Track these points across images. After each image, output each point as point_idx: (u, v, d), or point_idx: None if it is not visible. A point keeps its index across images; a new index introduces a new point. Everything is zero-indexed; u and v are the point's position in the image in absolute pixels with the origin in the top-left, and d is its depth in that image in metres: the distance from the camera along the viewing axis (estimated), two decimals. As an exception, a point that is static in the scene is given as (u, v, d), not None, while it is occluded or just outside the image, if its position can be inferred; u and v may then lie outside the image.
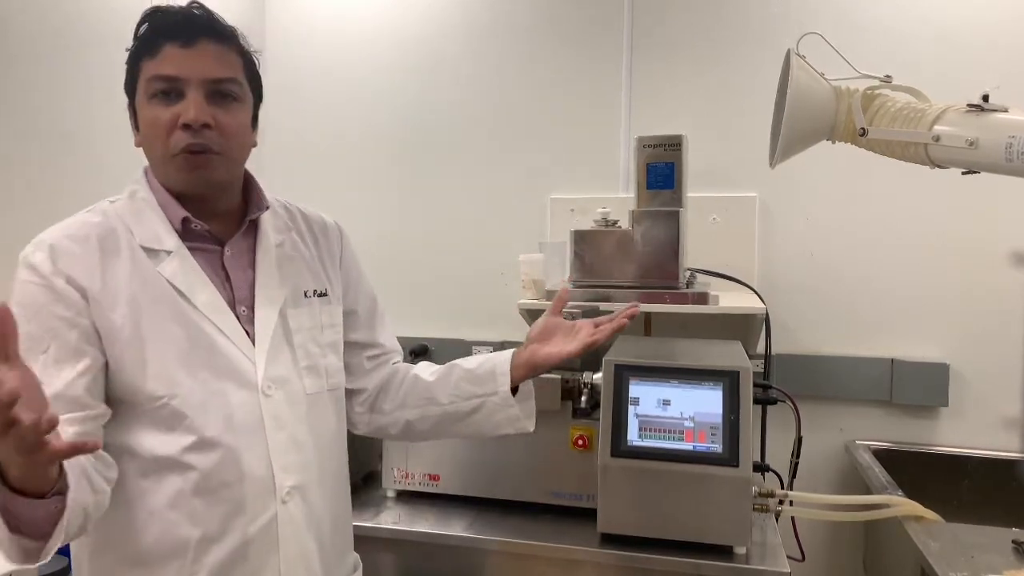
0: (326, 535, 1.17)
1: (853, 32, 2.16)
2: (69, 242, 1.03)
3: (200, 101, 1.05)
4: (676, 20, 2.37)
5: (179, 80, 1.04)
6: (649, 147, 1.93)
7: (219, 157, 1.08)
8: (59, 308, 1.00)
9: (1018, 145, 1.23)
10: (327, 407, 1.20)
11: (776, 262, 2.30)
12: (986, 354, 2.16)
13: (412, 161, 2.60)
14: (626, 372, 1.50)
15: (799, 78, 1.40)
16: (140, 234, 1.08)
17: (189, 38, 1.05)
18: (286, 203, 1.28)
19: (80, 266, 1.02)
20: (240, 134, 1.11)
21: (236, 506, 1.05)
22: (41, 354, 0.98)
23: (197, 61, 1.05)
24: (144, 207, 1.10)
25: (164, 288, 1.06)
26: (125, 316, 1.02)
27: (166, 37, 1.05)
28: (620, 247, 1.90)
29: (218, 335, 1.08)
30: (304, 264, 1.22)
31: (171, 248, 1.08)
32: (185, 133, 1.04)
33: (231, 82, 1.08)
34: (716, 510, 1.42)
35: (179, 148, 1.05)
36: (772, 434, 2.01)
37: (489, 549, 1.55)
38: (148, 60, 1.06)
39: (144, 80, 1.06)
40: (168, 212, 1.10)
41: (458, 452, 1.71)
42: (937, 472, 2.12)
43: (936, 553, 1.39)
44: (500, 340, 2.46)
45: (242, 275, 1.15)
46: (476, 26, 2.53)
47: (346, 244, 1.33)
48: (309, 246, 1.25)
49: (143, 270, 1.06)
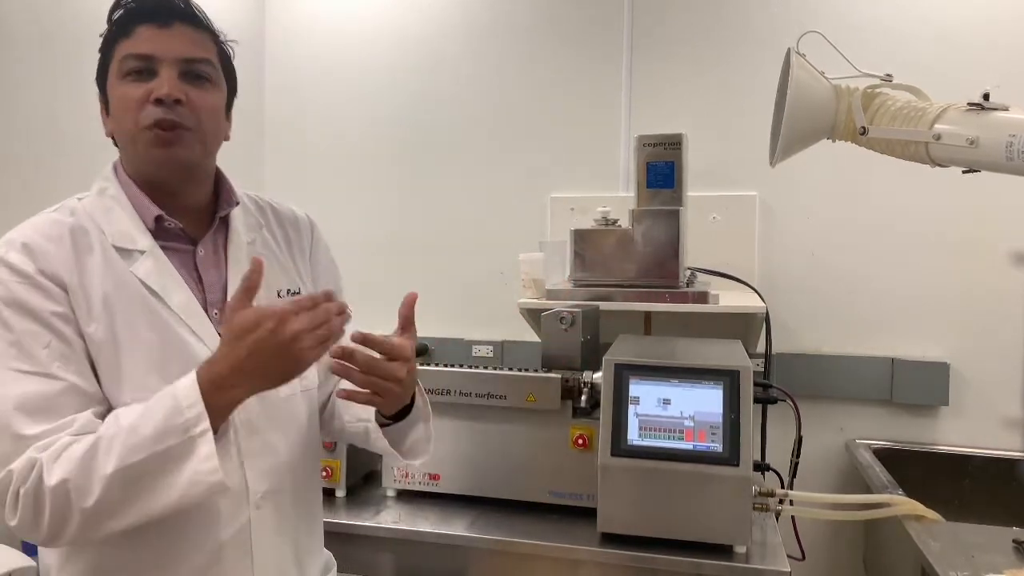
0: (300, 537, 1.16)
1: (853, 31, 2.16)
2: (44, 241, 1.00)
3: (173, 78, 1.03)
4: (676, 19, 2.37)
5: (152, 58, 1.03)
6: (649, 146, 1.93)
7: (190, 134, 1.04)
8: (51, 304, 0.97)
9: (1018, 144, 1.23)
10: (300, 408, 1.17)
11: (776, 261, 2.30)
12: (986, 353, 2.16)
13: (412, 161, 2.60)
14: (626, 371, 1.50)
15: (799, 77, 1.40)
16: (112, 233, 1.04)
17: (165, 20, 1.04)
18: (256, 197, 1.24)
19: (58, 265, 0.99)
20: (213, 116, 1.08)
21: (208, 514, 1.02)
22: (43, 348, 0.95)
23: (172, 40, 1.04)
24: (114, 205, 1.07)
25: (137, 289, 1.02)
26: (100, 319, 0.99)
27: (141, 19, 1.04)
28: (620, 246, 1.90)
29: (192, 339, 1.05)
30: (276, 262, 1.18)
31: (144, 248, 1.05)
32: (157, 108, 1.01)
33: (205, 63, 1.07)
34: (716, 509, 1.42)
35: (150, 121, 1.02)
36: (772, 433, 2.01)
37: (489, 549, 1.55)
38: (123, 41, 1.04)
39: (117, 60, 1.04)
40: (140, 209, 1.07)
41: (459, 451, 1.70)
42: (937, 471, 2.12)
43: (936, 552, 1.39)
44: (500, 340, 2.46)
45: (215, 275, 1.12)
46: (476, 26, 2.53)
47: (316, 237, 1.29)
48: (280, 243, 1.22)
49: (116, 270, 1.02)
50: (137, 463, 0.89)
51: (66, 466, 0.89)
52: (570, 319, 1.69)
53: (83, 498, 0.88)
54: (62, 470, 0.88)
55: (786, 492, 1.56)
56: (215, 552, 1.03)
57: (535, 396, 1.63)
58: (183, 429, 0.89)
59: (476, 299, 2.51)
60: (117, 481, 0.88)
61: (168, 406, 0.91)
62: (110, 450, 0.89)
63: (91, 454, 0.89)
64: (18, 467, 0.90)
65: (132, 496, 0.90)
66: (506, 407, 1.64)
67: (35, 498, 0.89)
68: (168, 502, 0.90)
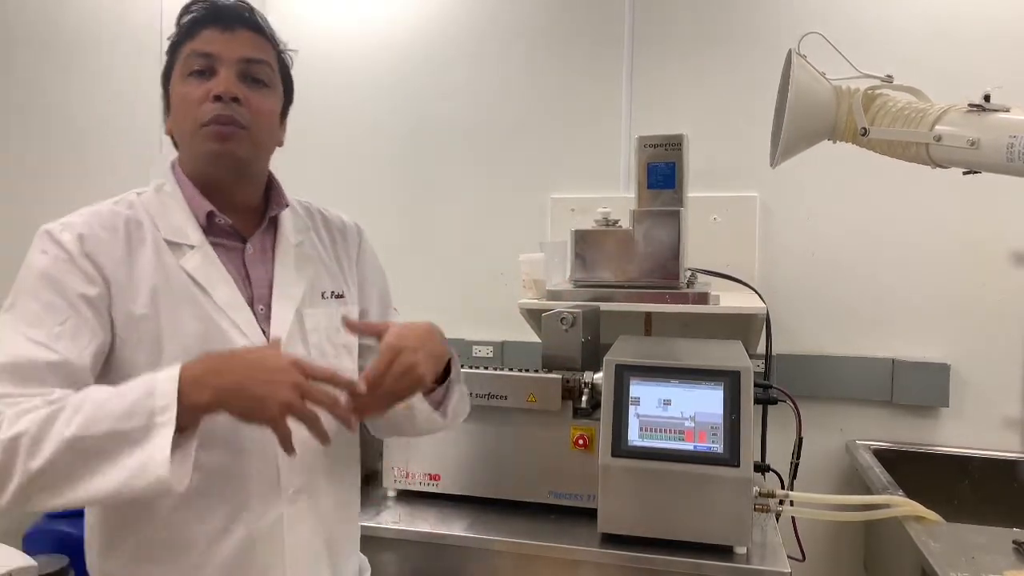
0: (334, 537, 1.18)
1: (854, 32, 2.16)
2: (99, 229, 1.05)
3: (232, 77, 1.08)
4: (677, 20, 2.37)
5: (213, 57, 1.08)
6: (650, 147, 1.93)
7: (245, 132, 1.09)
8: (82, 287, 1.01)
9: (1019, 145, 1.23)
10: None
11: (777, 262, 2.30)
12: (987, 354, 2.16)
13: (412, 161, 2.60)
14: (627, 372, 1.50)
15: (800, 78, 1.40)
16: (164, 227, 1.09)
17: (228, 24, 1.10)
18: (307, 203, 1.30)
19: (107, 254, 1.04)
20: (268, 118, 1.14)
21: (242, 505, 1.06)
22: (58, 325, 0.98)
23: (233, 42, 1.09)
24: (170, 201, 1.12)
25: (184, 282, 1.07)
26: (146, 306, 1.04)
27: (206, 23, 1.10)
28: (621, 247, 1.90)
29: (234, 331, 1.08)
30: (322, 265, 1.23)
31: (194, 243, 1.10)
32: (215, 104, 1.07)
33: (263, 64, 1.12)
34: (717, 510, 1.42)
35: (208, 117, 1.07)
36: (773, 434, 2.01)
37: (489, 549, 1.55)
38: (187, 43, 1.10)
39: (181, 60, 1.10)
40: (193, 206, 1.12)
41: (459, 452, 1.70)
42: (938, 472, 2.12)
43: (937, 553, 1.39)
44: (500, 340, 2.46)
45: (262, 273, 1.16)
46: (477, 26, 2.53)
47: (364, 243, 1.34)
48: (328, 247, 1.26)
49: (165, 263, 1.07)
50: (94, 436, 0.88)
51: (25, 423, 0.89)
52: (570, 319, 1.69)
53: (31, 458, 0.88)
54: (21, 426, 0.89)
55: (786, 493, 1.56)
56: (248, 543, 1.06)
57: (535, 397, 1.63)
58: (148, 414, 0.89)
59: (476, 299, 2.51)
60: (69, 448, 0.88)
61: (142, 390, 0.91)
62: (72, 418, 0.89)
63: (53, 417, 0.89)
64: None
65: (79, 469, 0.88)
66: (506, 407, 1.64)
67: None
68: (110, 486, 0.88)
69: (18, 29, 1.73)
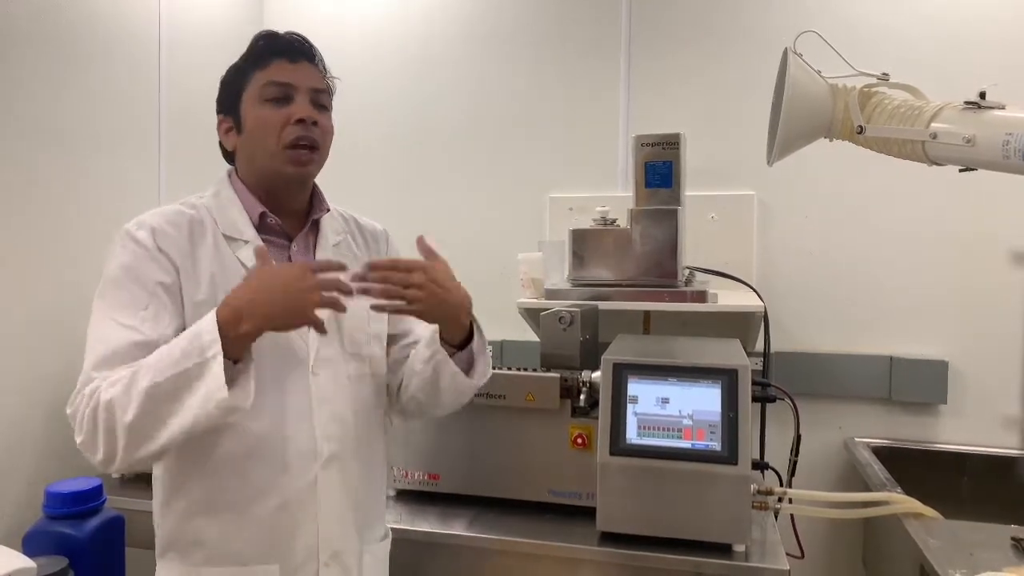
0: (361, 501, 1.30)
1: (850, 30, 2.17)
2: (168, 225, 1.21)
3: (307, 103, 1.24)
4: (674, 19, 2.38)
5: (290, 86, 1.24)
6: (647, 146, 1.93)
7: (318, 154, 1.27)
8: (161, 276, 1.17)
9: (1015, 142, 1.24)
10: (368, 389, 1.33)
11: (775, 260, 2.30)
12: (985, 351, 2.16)
13: (410, 161, 2.60)
14: (625, 370, 1.50)
15: (796, 76, 1.40)
16: (223, 223, 1.25)
17: (294, 57, 1.26)
18: (343, 211, 1.44)
19: (175, 247, 1.19)
20: (330, 138, 1.30)
21: (282, 467, 1.19)
22: (141, 310, 1.14)
23: (303, 73, 1.26)
24: (227, 203, 1.27)
25: (239, 271, 1.20)
26: (207, 292, 1.19)
27: (276, 54, 1.26)
28: (619, 246, 1.91)
29: None
30: (356, 263, 1.34)
31: (248, 238, 1.25)
32: (298, 127, 1.22)
33: (325, 93, 1.29)
34: (715, 508, 1.42)
35: (290, 139, 1.22)
36: (771, 432, 2.01)
37: (489, 548, 1.55)
38: (259, 71, 1.25)
39: (257, 86, 1.24)
40: (248, 207, 1.27)
41: (458, 451, 1.71)
42: (936, 469, 2.13)
43: (935, 550, 1.40)
44: (500, 339, 2.46)
45: None
46: (475, 26, 2.54)
47: (391, 245, 1.50)
48: (361, 248, 1.42)
49: (223, 254, 1.22)
50: (163, 382, 1.04)
51: (115, 388, 1.06)
52: (569, 318, 1.70)
53: (125, 413, 1.04)
54: (112, 391, 1.06)
55: (785, 490, 1.56)
56: (285, 500, 1.20)
57: (534, 395, 1.63)
58: (199, 352, 1.04)
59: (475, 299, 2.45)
60: (149, 398, 1.03)
61: (190, 335, 1.07)
62: (146, 373, 1.05)
63: (133, 378, 1.05)
64: (88, 391, 1.08)
65: (163, 412, 1.04)
66: (505, 406, 1.65)
67: (93, 416, 1.06)
68: (187, 419, 1.04)
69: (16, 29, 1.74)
